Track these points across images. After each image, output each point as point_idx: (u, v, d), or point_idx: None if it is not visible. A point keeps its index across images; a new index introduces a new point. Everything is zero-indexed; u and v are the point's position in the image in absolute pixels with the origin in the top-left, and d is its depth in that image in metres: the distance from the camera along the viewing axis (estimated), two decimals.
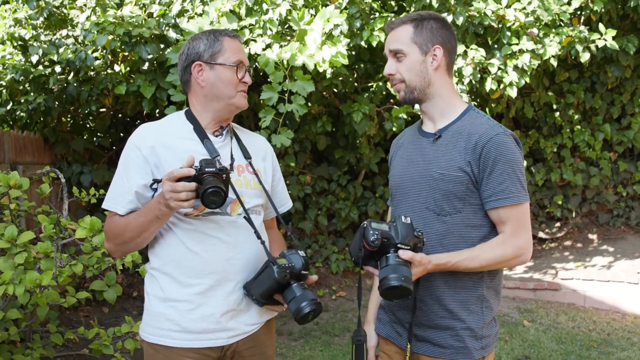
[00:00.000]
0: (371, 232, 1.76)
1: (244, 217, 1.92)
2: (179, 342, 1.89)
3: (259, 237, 1.92)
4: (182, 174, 1.72)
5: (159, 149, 1.91)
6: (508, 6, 5.12)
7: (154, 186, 1.88)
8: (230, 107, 1.99)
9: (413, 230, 1.81)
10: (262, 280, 1.88)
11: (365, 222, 1.82)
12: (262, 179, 2.05)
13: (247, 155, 2.04)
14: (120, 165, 1.95)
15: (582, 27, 5.37)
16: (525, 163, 7.01)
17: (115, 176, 1.96)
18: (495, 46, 5.27)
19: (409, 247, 1.77)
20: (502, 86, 5.11)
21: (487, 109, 6.04)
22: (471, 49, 5.04)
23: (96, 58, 4.99)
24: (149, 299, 1.98)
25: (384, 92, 5.67)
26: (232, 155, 2.00)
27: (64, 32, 5.30)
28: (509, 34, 5.12)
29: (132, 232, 1.86)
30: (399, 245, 1.76)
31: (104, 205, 1.95)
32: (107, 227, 1.96)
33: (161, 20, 4.83)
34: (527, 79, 5.12)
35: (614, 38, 5.40)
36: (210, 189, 1.70)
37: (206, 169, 1.73)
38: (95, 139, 6.18)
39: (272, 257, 1.87)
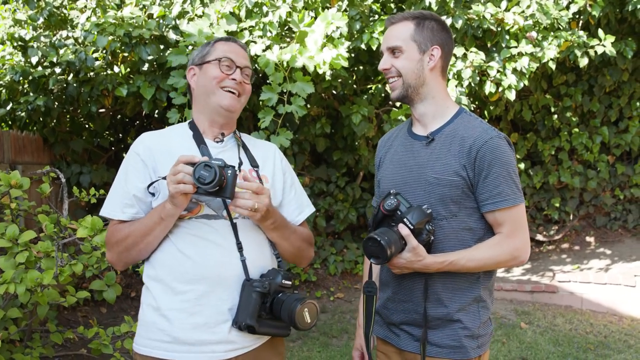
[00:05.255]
0: (392, 198, 1.87)
1: (231, 223, 1.86)
2: (171, 354, 1.80)
3: (240, 248, 1.85)
4: (186, 160, 1.73)
5: (156, 153, 1.90)
6: (507, 10, 5.15)
7: (151, 189, 1.87)
8: (217, 108, 1.94)
9: (428, 222, 1.84)
10: (246, 301, 1.80)
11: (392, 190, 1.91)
12: (270, 186, 1.99)
13: (254, 164, 2.00)
14: (120, 173, 1.94)
15: (580, 32, 5.40)
16: (523, 166, 7.04)
17: (115, 183, 1.94)
18: (494, 49, 5.30)
19: (412, 229, 1.81)
20: (500, 89, 5.13)
21: (485, 112, 6.07)
22: (470, 51, 5.07)
23: (96, 59, 5.00)
24: (142, 309, 1.92)
25: (383, 94, 5.68)
26: (240, 159, 1.96)
27: (64, 32, 5.31)
28: (507, 37, 5.15)
29: (136, 236, 1.83)
30: (405, 220, 1.82)
31: (102, 213, 1.93)
32: (109, 235, 1.91)
33: (161, 21, 4.85)
34: (526, 82, 5.15)
35: (612, 43, 5.43)
36: (203, 163, 1.70)
37: (212, 161, 1.72)
38: (94, 139, 6.19)
39: (248, 276, 1.83)
